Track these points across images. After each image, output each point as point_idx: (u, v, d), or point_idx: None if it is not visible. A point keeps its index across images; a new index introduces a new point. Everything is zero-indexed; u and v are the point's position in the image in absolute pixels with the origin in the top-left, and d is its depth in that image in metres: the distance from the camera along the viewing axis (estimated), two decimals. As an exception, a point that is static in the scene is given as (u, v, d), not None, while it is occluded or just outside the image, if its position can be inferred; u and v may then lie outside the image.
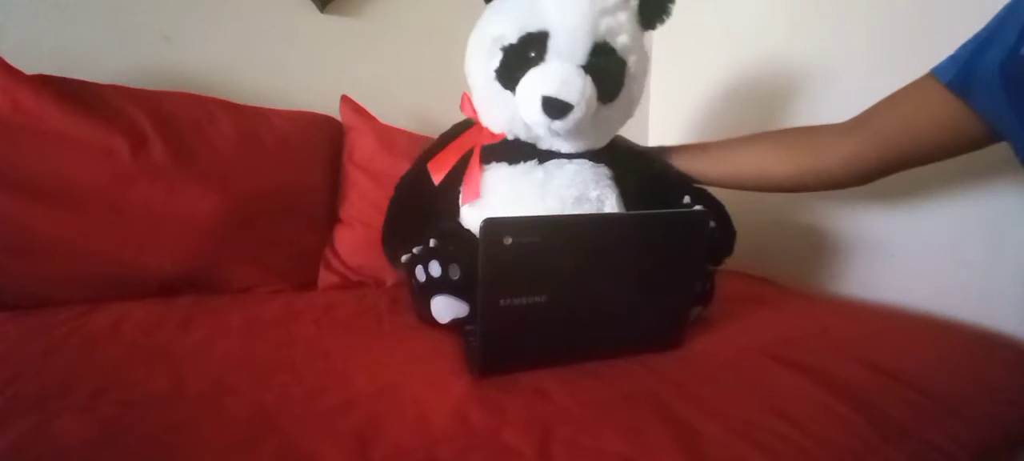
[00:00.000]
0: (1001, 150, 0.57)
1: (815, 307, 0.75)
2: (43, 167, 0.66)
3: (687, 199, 0.66)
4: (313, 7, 0.99)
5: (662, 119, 1.29)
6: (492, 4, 0.67)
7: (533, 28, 0.62)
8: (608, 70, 0.64)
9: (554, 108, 0.60)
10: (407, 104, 1.06)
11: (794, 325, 0.64)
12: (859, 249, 0.87)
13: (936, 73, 0.56)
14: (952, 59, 0.55)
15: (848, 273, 0.89)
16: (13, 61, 0.67)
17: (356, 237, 0.84)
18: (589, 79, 0.61)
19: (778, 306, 0.72)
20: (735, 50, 1.10)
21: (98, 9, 0.83)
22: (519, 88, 0.63)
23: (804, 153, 0.66)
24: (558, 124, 0.62)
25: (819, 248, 0.92)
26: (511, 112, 0.65)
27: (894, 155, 0.60)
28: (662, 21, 0.68)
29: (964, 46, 0.54)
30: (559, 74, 0.60)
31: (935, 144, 0.57)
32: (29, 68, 0.68)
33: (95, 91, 0.71)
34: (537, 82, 0.61)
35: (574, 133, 0.65)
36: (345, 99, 0.93)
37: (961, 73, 0.53)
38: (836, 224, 0.90)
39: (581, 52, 0.62)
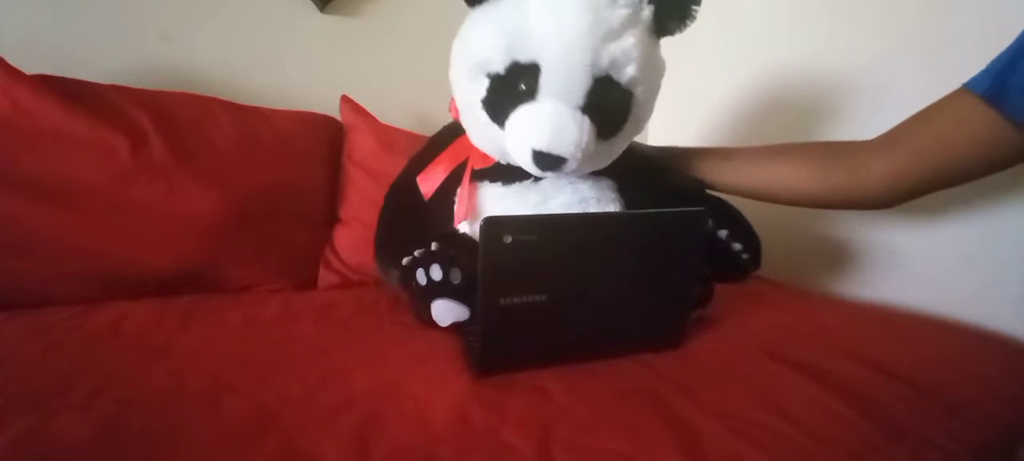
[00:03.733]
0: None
1: (815, 307, 0.74)
2: (43, 167, 0.65)
3: (724, 233, 0.59)
4: (313, 7, 0.99)
5: (663, 122, 1.29)
6: (477, 12, 0.59)
7: (522, 58, 0.54)
8: (610, 108, 0.56)
9: (545, 162, 0.54)
10: (407, 104, 1.06)
11: (794, 325, 0.64)
12: (859, 249, 0.87)
13: (970, 86, 0.54)
14: (985, 72, 0.54)
15: (848, 273, 0.89)
16: (13, 61, 0.67)
17: (356, 236, 0.84)
18: (586, 121, 0.54)
19: (778, 306, 0.72)
20: (737, 53, 1.10)
21: (98, 9, 0.83)
22: (508, 125, 0.56)
23: (839, 171, 0.63)
24: (550, 174, 0.58)
25: (819, 248, 0.92)
26: (499, 143, 0.59)
27: (932, 174, 0.57)
28: (683, 27, 0.58)
29: (997, 58, 0.53)
30: (552, 122, 0.53)
31: (974, 159, 0.55)
32: (29, 68, 0.68)
33: (95, 91, 0.71)
34: (527, 130, 0.54)
35: (569, 172, 0.60)
36: (345, 99, 0.93)
37: (995, 84, 0.51)
38: (836, 224, 0.90)
39: (578, 91, 0.54)
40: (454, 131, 0.70)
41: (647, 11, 0.57)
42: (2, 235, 0.63)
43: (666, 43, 0.62)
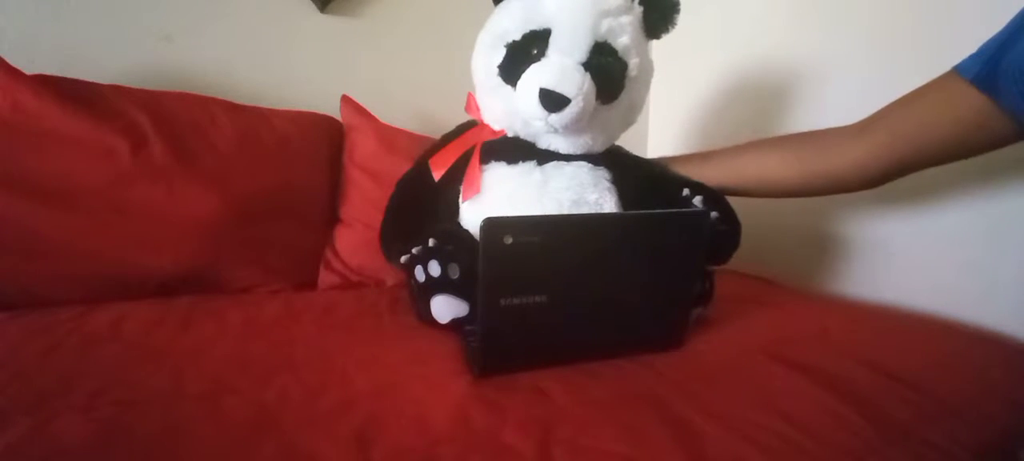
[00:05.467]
0: (1004, 150, 0.57)
1: (815, 307, 0.74)
2: (43, 167, 0.66)
3: (687, 191, 0.65)
4: (313, 7, 0.99)
5: (662, 124, 1.30)
6: (500, 5, 0.68)
7: (537, 26, 0.62)
8: (608, 70, 0.63)
9: (551, 101, 0.60)
10: (407, 104, 1.06)
11: (794, 325, 0.64)
12: (859, 249, 0.87)
13: (960, 70, 0.55)
14: (976, 55, 0.54)
15: (848, 273, 0.89)
16: (13, 61, 0.67)
17: (356, 237, 0.84)
18: (588, 76, 0.61)
19: (778, 306, 0.72)
20: (734, 53, 1.10)
21: (98, 9, 0.83)
22: (519, 83, 0.63)
23: (813, 157, 0.65)
24: (555, 118, 0.61)
25: (819, 248, 0.92)
26: (510, 107, 0.65)
27: (911, 155, 0.58)
28: (667, 30, 0.67)
29: (988, 42, 0.53)
30: (558, 67, 0.61)
31: (957, 142, 0.56)
32: (29, 68, 0.68)
33: (95, 91, 0.71)
34: (535, 75, 0.61)
35: (572, 130, 0.65)
36: (345, 99, 0.93)
37: (986, 68, 0.52)
38: (836, 224, 0.90)
39: (581, 49, 0.62)
40: (467, 128, 0.74)
41: (637, 10, 0.66)
42: (2, 235, 0.63)
43: (663, 49, 0.64)
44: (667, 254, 0.51)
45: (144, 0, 0.86)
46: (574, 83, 0.60)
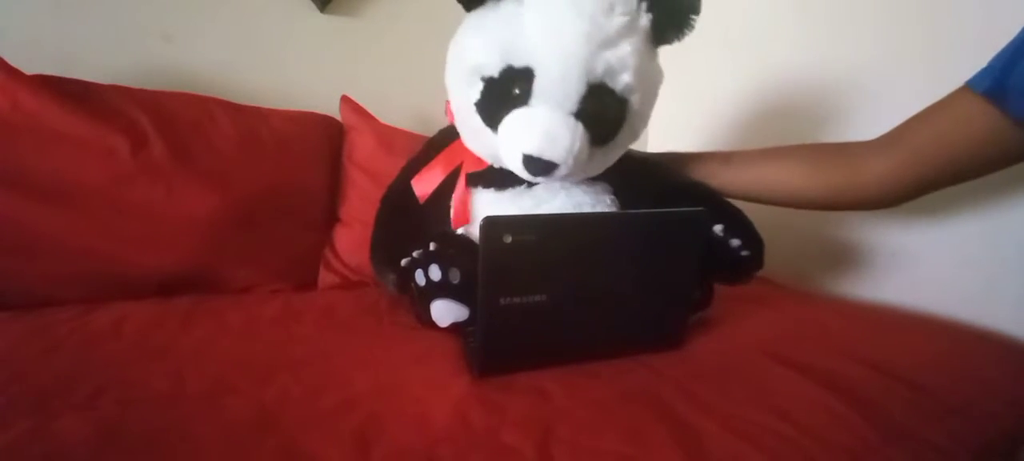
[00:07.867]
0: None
1: (815, 307, 0.74)
2: (43, 167, 0.65)
3: (719, 227, 0.57)
4: (313, 7, 0.99)
5: (663, 126, 1.29)
6: (473, 16, 0.58)
7: (517, 62, 0.53)
8: (604, 114, 0.55)
9: (536, 167, 0.54)
10: (407, 104, 1.06)
11: (794, 325, 0.64)
12: (859, 249, 0.87)
13: (971, 85, 0.54)
14: (986, 70, 0.53)
15: (848, 274, 0.89)
16: (13, 61, 0.67)
17: (356, 237, 0.84)
18: (580, 128, 0.53)
19: (778, 306, 0.72)
20: (740, 55, 1.10)
21: (98, 9, 0.83)
22: (500, 129, 0.56)
23: (838, 171, 0.63)
24: (542, 180, 0.57)
25: (820, 248, 0.92)
26: (492, 147, 0.59)
27: (932, 173, 0.57)
28: (681, 36, 0.57)
29: (998, 56, 0.53)
30: (543, 127, 0.52)
31: (974, 158, 0.55)
32: (29, 68, 0.68)
33: (95, 91, 0.71)
34: (519, 133, 0.54)
35: (562, 177, 0.58)
36: (345, 99, 0.93)
37: (996, 82, 0.51)
38: (836, 224, 0.90)
39: (572, 98, 0.53)
40: (450, 135, 0.70)
41: (645, 20, 0.56)
42: (2, 235, 0.63)
43: (664, 48, 0.62)
44: (666, 253, 0.51)
45: (144, 0, 0.86)
46: (563, 146, 0.52)
